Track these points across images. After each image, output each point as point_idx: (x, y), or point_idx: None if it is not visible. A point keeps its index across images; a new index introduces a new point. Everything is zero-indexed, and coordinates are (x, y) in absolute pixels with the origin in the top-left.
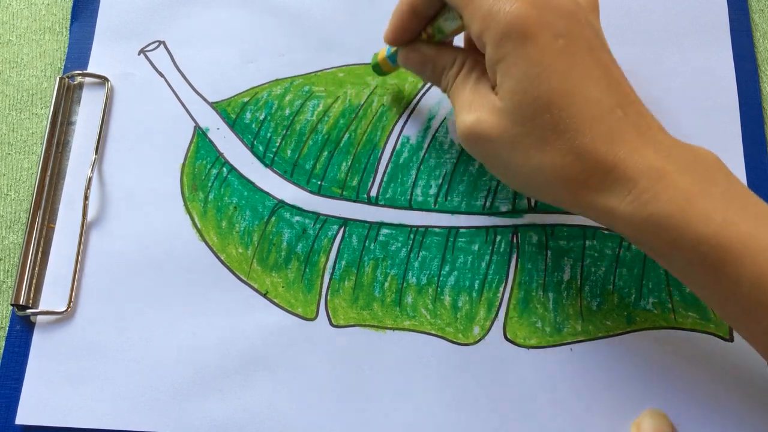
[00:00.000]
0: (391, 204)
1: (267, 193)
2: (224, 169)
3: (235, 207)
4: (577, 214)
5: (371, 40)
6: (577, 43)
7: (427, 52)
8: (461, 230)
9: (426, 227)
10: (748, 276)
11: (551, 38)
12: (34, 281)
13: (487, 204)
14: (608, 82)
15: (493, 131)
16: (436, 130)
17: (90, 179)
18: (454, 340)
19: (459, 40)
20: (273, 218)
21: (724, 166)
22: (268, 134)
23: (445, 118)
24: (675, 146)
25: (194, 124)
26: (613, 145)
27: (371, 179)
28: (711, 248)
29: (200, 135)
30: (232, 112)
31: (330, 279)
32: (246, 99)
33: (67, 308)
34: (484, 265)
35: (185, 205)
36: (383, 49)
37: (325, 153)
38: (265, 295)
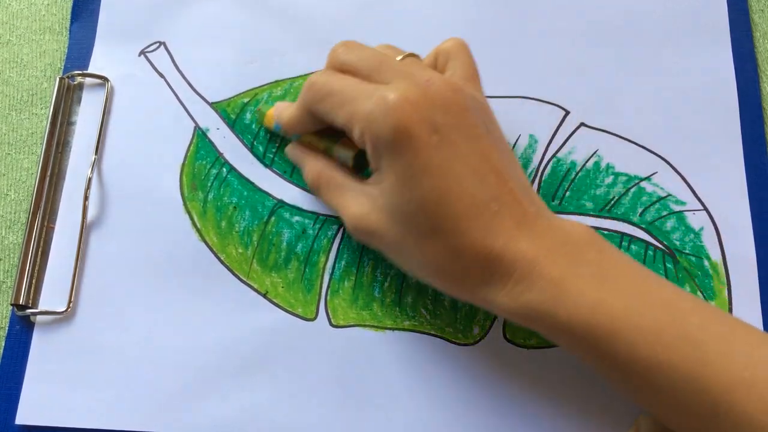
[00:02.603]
0: None
1: (267, 193)
2: (224, 169)
3: (235, 207)
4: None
5: (371, 41)
6: (453, 135)
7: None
8: None
9: None
10: (622, 355)
11: (426, 136)
12: (33, 281)
13: None
14: (484, 174)
15: (377, 228)
16: None
17: (90, 179)
18: (454, 340)
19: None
20: (273, 218)
21: (598, 240)
22: (268, 134)
23: None
24: (548, 230)
25: (194, 125)
26: (488, 241)
27: None
28: (583, 331)
29: (200, 135)
30: (232, 113)
31: (330, 279)
32: (246, 100)
33: (67, 308)
34: None
35: (185, 205)
36: (270, 117)
37: None
38: (265, 295)
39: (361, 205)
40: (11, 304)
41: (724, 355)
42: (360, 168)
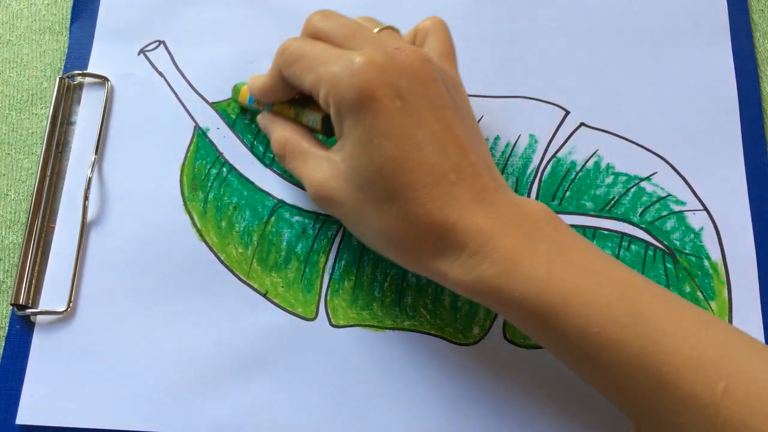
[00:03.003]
0: None
1: (267, 193)
2: (224, 168)
3: (235, 207)
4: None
5: None
6: (417, 102)
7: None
8: None
9: None
10: (573, 329)
11: (389, 101)
12: (33, 281)
13: None
14: (444, 144)
15: (337, 194)
16: None
17: (90, 179)
18: (454, 340)
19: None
20: (273, 218)
21: (554, 218)
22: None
23: None
24: (506, 205)
25: (194, 124)
26: (444, 211)
27: None
28: (535, 306)
29: (200, 135)
30: (232, 113)
31: (330, 279)
32: None
33: (67, 308)
34: None
35: (185, 204)
36: (245, 91)
37: None
38: (264, 295)
39: (323, 172)
40: (11, 304)
41: (673, 334)
42: (329, 133)
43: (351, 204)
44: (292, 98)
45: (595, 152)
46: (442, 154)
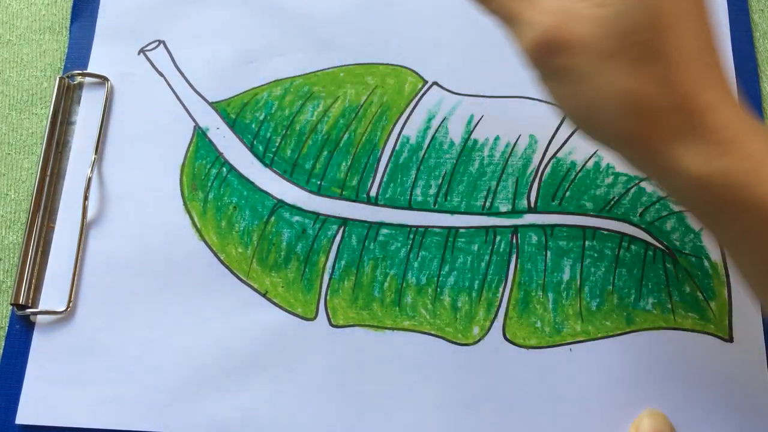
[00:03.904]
0: (391, 204)
1: (267, 193)
2: (224, 168)
3: (235, 207)
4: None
5: (371, 40)
6: None
7: None
8: (461, 230)
9: (425, 227)
10: None
11: None
12: (33, 281)
13: (487, 204)
14: (707, 28)
15: (581, 39)
16: (436, 130)
17: (90, 179)
18: (454, 340)
19: None
20: (272, 218)
21: None
22: (268, 134)
23: (444, 118)
24: (761, 126)
25: (194, 124)
26: (702, 88)
27: (371, 179)
28: None
29: (200, 135)
30: (232, 112)
31: (329, 279)
32: (246, 100)
33: (67, 308)
34: (483, 265)
35: (185, 204)
36: None
37: (325, 153)
38: (264, 295)
39: (557, 11)
40: (11, 304)
41: None
42: None
43: (594, 53)
44: None
45: (595, 152)
46: (705, 33)
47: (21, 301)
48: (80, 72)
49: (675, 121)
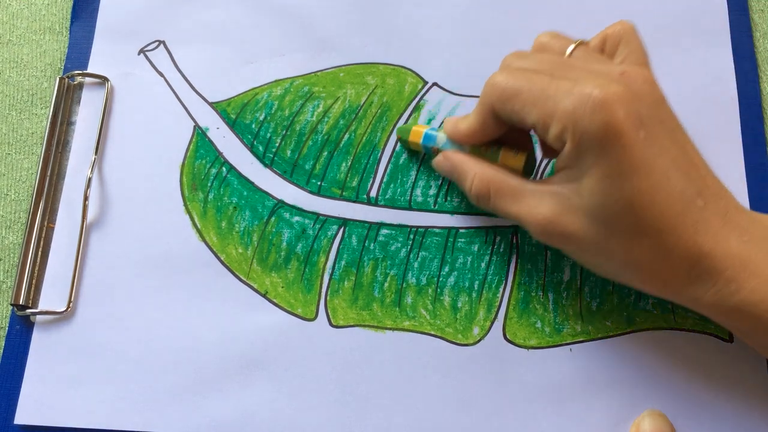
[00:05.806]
0: (391, 204)
1: (267, 193)
2: (224, 168)
3: (235, 207)
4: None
5: (371, 40)
6: (657, 129)
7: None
8: (461, 231)
9: (426, 228)
10: None
11: (634, 133)
12: (33, 281)
13: None
14: (686, 169)
15: (573, 229)
16: None
17: (90, 179)
18: (454, 341)
19: None
20: (273, 218)
21: None
22: (268, 134)
23: (442, 121)
24: (752, 224)
25: (194, 124)
26: (698, 238)
27: (371, 180)
28: None
29: (200, 135)
30: (232, 113)
31: (330, 279)
32: (246, 100)
33: (67, 308)
34: (483, 265)
35: (185, 205)
36: (418, 131)
37: (325, 153)
38: (264, 295)
39: (549, 207)
40: (11, 304)
41: None
42: (528, 172)
43: (592, 239)
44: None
45: None
46: (686, 179)
47: (21, 301)
48: (80, 72)
49: (681, 273)
